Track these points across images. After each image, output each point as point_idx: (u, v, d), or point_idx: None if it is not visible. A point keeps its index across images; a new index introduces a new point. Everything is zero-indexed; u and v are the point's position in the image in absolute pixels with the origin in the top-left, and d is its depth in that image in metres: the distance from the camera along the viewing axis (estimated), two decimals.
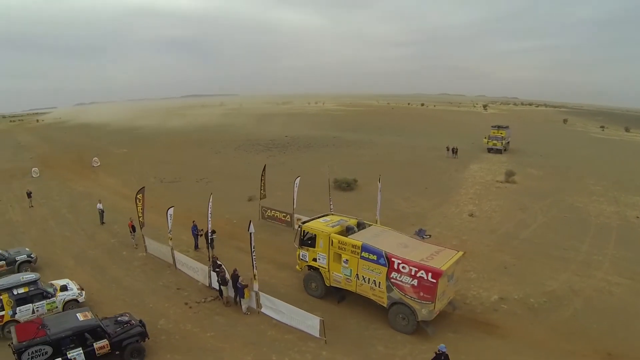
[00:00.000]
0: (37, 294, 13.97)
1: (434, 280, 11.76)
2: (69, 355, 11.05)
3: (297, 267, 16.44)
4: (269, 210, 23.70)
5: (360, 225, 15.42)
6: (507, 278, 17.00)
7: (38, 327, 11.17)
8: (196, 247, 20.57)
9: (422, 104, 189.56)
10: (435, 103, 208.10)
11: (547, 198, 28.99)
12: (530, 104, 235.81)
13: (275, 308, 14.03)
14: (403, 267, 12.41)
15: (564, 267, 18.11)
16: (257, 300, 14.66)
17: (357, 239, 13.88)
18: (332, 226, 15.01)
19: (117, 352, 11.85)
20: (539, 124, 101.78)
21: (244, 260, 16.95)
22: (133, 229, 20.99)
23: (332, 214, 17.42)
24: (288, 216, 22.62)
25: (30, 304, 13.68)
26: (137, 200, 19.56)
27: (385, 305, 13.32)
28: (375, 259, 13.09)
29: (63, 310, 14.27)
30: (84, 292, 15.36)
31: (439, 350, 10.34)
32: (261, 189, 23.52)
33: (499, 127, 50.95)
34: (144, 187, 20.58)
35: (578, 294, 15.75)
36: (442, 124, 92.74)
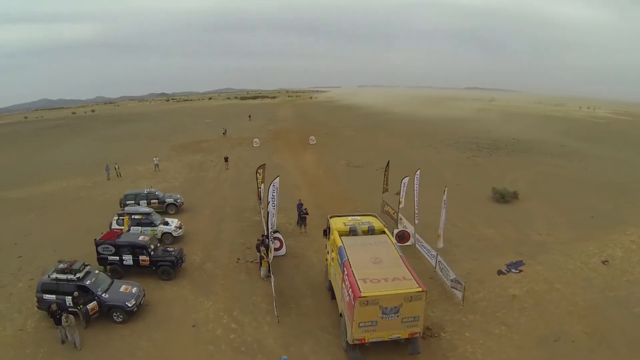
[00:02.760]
0: (147, 222, 23.79)
1: (352, 303, 12.38)
2: (123, 257, 19.34)
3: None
4: (386, 205, 27.12)
5: (371, 231, 16.69)
6: None
7: (115, 235, 20.08)
8: (298, 222, 26.05)
9: None
10: None
11: None
12: None
13: None
14: (346, 279, 13.43)
15: None
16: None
17: (345, 240, 15.58)
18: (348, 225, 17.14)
19: (153, 268, 19.25)
20: None
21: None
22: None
23: (374, 217, 18.34)
24: (396, 214, 24.98)
25: (140, 227, 23.60)
26: (257, 174, 27.18)
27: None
28: (340, 263, 14.44)
29: (161, 237, 23.50)
30: (180, 230, 24.11)
31: None
32: (384, 183, 27.30)
33: None
34: (264, 164, 28.25)
35: None
36: None
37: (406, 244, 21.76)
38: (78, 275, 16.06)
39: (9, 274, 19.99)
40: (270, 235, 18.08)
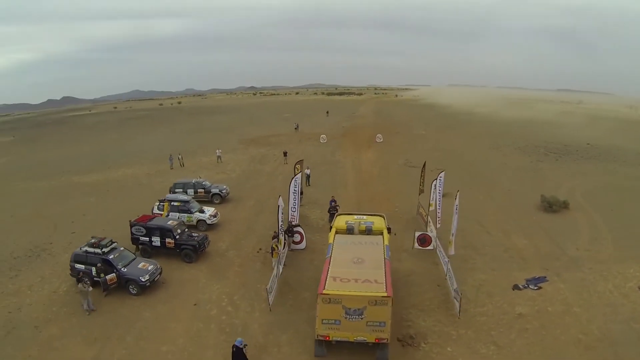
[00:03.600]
0: (184, 209, 26.91)
1: (317, 299, 13.39)
2: (152, 238, 22.41)
3: None
4: (421, 207, 27.95)
5: (368, 231, 17.84)
6: None
7: (147, 219, 23.25)
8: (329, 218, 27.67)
9: None
10: None
11: None
12: None
13: None
14: (322, 274, 14.55)
15: None
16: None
17: (337, 238, 17.12)
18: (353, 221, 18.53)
19: (177, 250, 22.04)
20: None
21: None
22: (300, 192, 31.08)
23: (381, 217, 19.61)
24: (426, 216, 25.83)
25: (177, 213, 26.76)
26: (295, 169, 29.42)
27: None
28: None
29: (197, 224, 26.57)
30: (214, 218, 26.83)
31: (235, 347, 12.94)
32: (420, 184, 27.95)
33: None
34: (302, 159, 30.79)
35: None
36: None
37: (428, 247, 22.06)
38: (104, 249, 19.22)
39: (61, 247, 24.19)
40: (280, 229, 19.70)
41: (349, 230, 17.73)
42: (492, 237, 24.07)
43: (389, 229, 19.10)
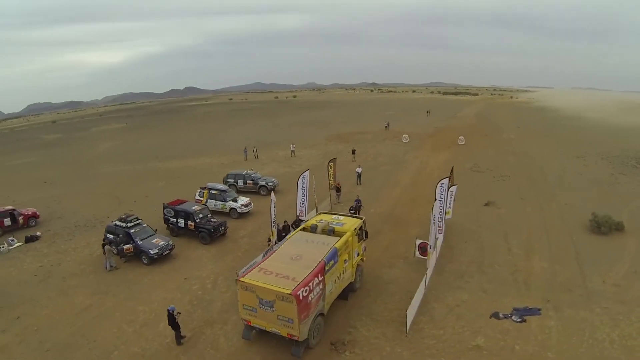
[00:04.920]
0: (220, 197, 31.24)
1: None
2: (178, 220, 26.96)
3: None
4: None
5: (330, 232, 19.14)
6: None
7: (177, 203, 27.88)
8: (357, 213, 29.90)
9: None
10: None
11: None
12: None
13: None
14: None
15: None
16: None
17: (295, 235, 19.10)
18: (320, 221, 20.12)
19: (197, 232, 26.29)
20: None
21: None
22: (337, 189, 33.58)
23: (359, 220, 20.57)
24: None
25: (214, 200, 31.25)
26: (329, 167, 32.07)
27: None
28: None
29: (229, 211, 30.82)
30: (246, 208, 30.67)
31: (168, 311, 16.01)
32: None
33: None
34: (335, 157, 33.33)
35: None
36: None
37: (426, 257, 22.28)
38: (128, 224, 24.18)
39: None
40: (273, 222, 22.49)
41: (312, 229, 19.25)
42: (510, 255, 22.95)
43: (365, 234, 20.30)
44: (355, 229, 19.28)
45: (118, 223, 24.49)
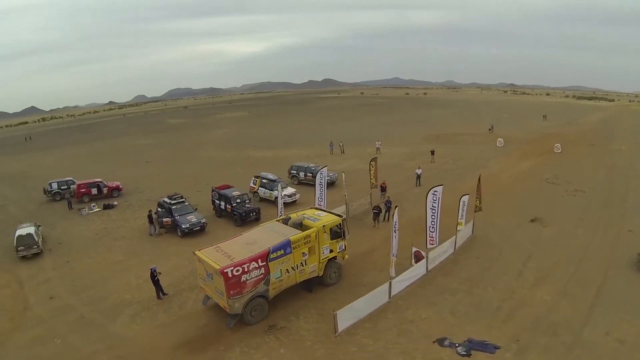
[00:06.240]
0: (269, 186, 34.76)
1: None
2: (221, 203, 31.10)
3: None
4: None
5: (303, 227, 19.99)
6: None
7: (222, 187, 31.97)
8: (385, 217, 31.03)
9: None
10: None
11: None
12: None
13: None
14: None
15: None
16: None
17: (266, 224, 21.19)
18: (305, 216, 21.14)
19: (232, 215, 30.16)
20: None
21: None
22: (382, 188, 34.47)
23: (339, 217, 21.04)
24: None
25: (264, 189, 34.90)
26: (370, 166, 33.55)
27: None
28: None
29: (274, 199, 34.24)
30: (289, 198, 33.50)
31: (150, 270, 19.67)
32: (477, 201, 27.95)
33: None
34: (376, 157, 34.58)
35: None
36: None
37: None
38: (172, 201, 29.06)
39: None
40: (280, 214, 25.28)
41: (284, 221, 20.93)
42: (515, 280, 20.55)
43: (343, 233, 20.61)
44: (325, 226, 19.71)
45: (166, 200, 29.46)
